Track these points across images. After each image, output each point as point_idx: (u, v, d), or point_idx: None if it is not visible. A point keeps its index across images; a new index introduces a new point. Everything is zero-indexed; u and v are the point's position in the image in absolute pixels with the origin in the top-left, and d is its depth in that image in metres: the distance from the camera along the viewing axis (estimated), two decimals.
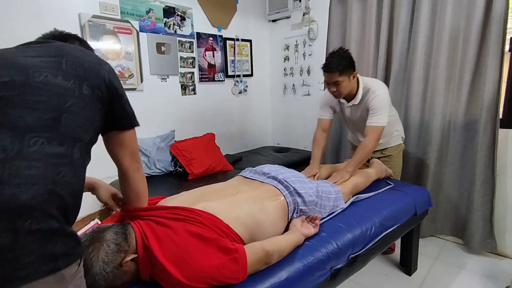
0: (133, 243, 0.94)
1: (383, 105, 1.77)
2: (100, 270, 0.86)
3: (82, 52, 0.86)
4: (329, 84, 1.79)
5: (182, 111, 2.82)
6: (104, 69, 0.86)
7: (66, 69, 0.77)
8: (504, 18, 1.84)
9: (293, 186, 1.34)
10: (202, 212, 1.05)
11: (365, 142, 1.77)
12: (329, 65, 1.73)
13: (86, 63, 0.82)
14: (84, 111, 0.77)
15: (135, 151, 0.98)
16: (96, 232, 0.92)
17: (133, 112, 0.95)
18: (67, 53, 0.80)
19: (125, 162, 0.96)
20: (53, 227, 0.66)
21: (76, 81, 0.77)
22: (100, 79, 0.83)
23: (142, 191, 1.04)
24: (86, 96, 0.79)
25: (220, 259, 0.93)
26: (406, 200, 1.66)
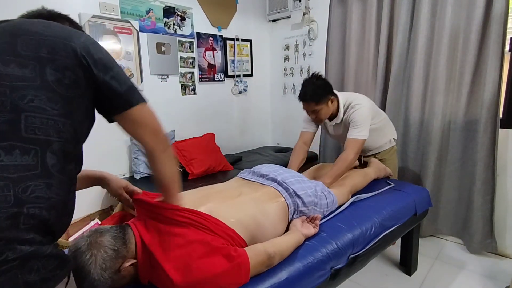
0: (132, 248, 0.91)
1: (363, 118, 1.75)
2: (98, 276, 0.83)
3: (46, 26, 0.67)
4: (308, 112, 1.81)
5: (182, 111, 2.82)
6: (76, 42, 0.67)
7: (22, 51, 0.60)
8: (504, 18, 1.84)
9: (292, 187, 1.34)
10: (209, 216, 1.03)
11: (345, 155, 1.72)
12: (304, 96, 1.73)
13: (48, 39, 0.64)
14: (52, 103, 0.62)
15: (156, 129, 0.84)
16: (93, 237, 0.87)
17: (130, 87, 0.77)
18: (24, 31, 0.63)
19: (146, 143, 0.82)
20: (25, 253, 0.55)
21: (37, 65, 0.61)
22: (71, 56, 0.65)
23: (172, 175, 0.92)
24: (52, 83, 0.62)
25: (223, 266, 0.92)
26: (406, 200, 1.66)
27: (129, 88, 0.76)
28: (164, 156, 0.87)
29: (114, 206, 2.38)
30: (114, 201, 2.38)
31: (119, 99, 0.75)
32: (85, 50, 0.68)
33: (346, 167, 1.71)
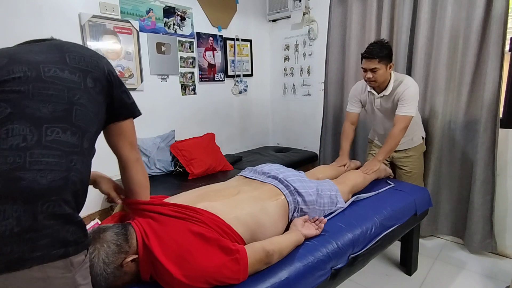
0: (133, 244, 0.93)
1: (414, 97, 1.82)
2: (100, 271, 0.86)
3: (80, 47, 0.89)
4: (366, 70, 1.84)
5: (182, 111, 2.82)
6: (103, 62, 0.89)
7: (70, 63, 0.80)
8: (504, 18, 1.84)
9: (293, 185, 1.35)
10: (204, 211, 1.05)
11: (394, 131, 1.84)
12: (371, 51, 1.79)
13: (86, 57, 0.85)
14: (90, 103, 0.81)
15: (133, 141, 1.00)
16: (96, 233, 0.91)
17: (133, 102, 0.98)
18: (68, 49, 0.83)
19: (124, 152, 0.98)
20: (67, 213, 0.70)
21: (81, 74, 0.81)
22: (100, 72, 0.86)
23: (142, 182, 1.05)
24: (90, 89, 0.82)
25: (221, 259, 0.93)
26: (406, 200, 1.66)
27: (133, 102, 0.98)
28: (137, 165, 1.02)
29: (114, 206, 2.37)
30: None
31: (126, 109, 0.96)
32: (108, 69, 0.90)
33: (395, 143, 1.86)
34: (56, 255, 0.67)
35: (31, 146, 0.67)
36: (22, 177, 0.65)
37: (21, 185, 0.64)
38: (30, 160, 0.66)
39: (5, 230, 0.62)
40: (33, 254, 0.64)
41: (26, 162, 0.66)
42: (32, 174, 0.66)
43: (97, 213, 2.32)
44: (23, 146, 0.67)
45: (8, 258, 0.62)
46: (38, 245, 0.65)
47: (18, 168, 0.65)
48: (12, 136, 0.66)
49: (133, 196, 1.05)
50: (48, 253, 0.66)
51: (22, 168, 0.65)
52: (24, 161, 0.66)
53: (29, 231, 0.64)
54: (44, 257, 0.65)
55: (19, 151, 0.66)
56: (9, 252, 0.62)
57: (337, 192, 1.52)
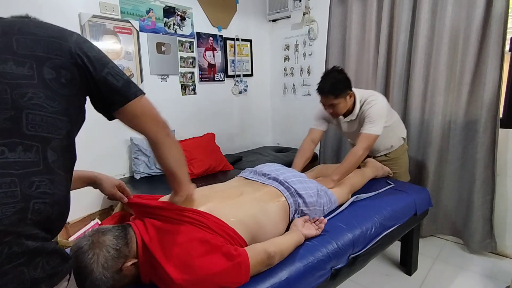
0: (133, 248, 0.91)
1: (379, 115, 1.73)
2: (100, 275, 0.83)
3: (39, 26, 0.67)
4: (324, 105, 1.77)
5: (182, 111, 2.82)
6: (69, 41, 0.68)
7: (18, 50, 0.61)
8: (504, 18, 1.84)
9: (294, 187, 1.34)
10: (209, 215, 1.04)
11: (355, 150, 1.70)
12: (323, 89, 1.69)
13: (43, 38, 0.65)
14: (50, 101, 0.63)
15: (156, 116, 0.83)
16: (95, 236, 0.88)
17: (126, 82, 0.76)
18: (18, 30, 0.64)
19: (149, 132, 0.82)
20: (31, 249, 0.57)
21: (34, 64, 0.62)
22: (65, 55, 0.67)
23: (178, 159, 0.91)
24: (49, 81, 0.63)
25: (224, 265, 0.92)
26: (406, 200, 1.66)
27: (125, 82, 0.76)
28: (168, 140, 0.86)
29: (114, 206, 2.38)
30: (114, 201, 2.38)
31: (117, 94, 0.75)
32: (79, 49, 0.69)
33: (355, 162, 1.68)
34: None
35: None
36: None
37: None
38: None
39: None
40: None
41: None
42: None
43: (97, 213, 2.32)
44: None
45: None
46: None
47: None
48: None
49: (171, 175, 0.92)
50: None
51: None
52: None
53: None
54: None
55: None
56: None
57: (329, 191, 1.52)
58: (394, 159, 2.03)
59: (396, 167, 2.04)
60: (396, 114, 2.02)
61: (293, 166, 1.90)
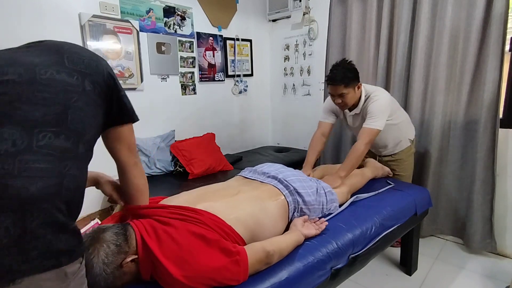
0: (133, 244, 0.93)
1: (380, 110, 1.74)
2: (100, 271, 0.85)
3: (80, 48, 0.86)
4: (334, 96, 1.77)
5: (182, 111, 2.82)
6: (103, 64, 0.86)
7: (68, 65, 0.78)
8: (504, 18, 1.84)
9: (292, 185, 1.34)
10: (205, 212, 1.05)
11: (356, 145, 1.72)
12: (334, 77, 1.70)
13: (86, 58, 0.82)
14: (88, 106, 0.78)
15: (132, 145, 0.98)
16: (96, 233, 0.91)
17: (132, 106, 0.95)
18: (67, 50, 0.80)
19: (122, 156, 0.96)
20: (59, 221, 0.67)
21: (79, 77, 0.78)
22: (100, 75, 0.83)
23: (141, 186, 1.03)
24: (89, 92, 0.79)
25: (222, 261, 0.93)
26: (406, 200, 1.66)
27: (132, 107, 0.95)
28: (136, 169, 1.00)
29: (114, 206, 2.37)
30: None
31: (127, 113, 0.93)
32: (108, 72, 0.86)
33: (358, 157, 1.71)
34: (49, 266, 0.64)
35: (21, 152, 0.64)
36: (11, 184, 0.61)
37: (10, 193, 0.61)
38: (19, 166, 0.63)
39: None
40: (24, 266, 0.61)
41: (15, 168, 0.62)
42: (22, 181, 0.62)
43: (97, 213, 2.32)
44: (12, 151, 0.63)
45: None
46: (28, 257, 0.62)
47: (6, 175, 0.61)
48: (1, 141, 0.62)
49: (131, 200, 1.03)
50: (39, 265, 0.63)
51: (10, 175, 0.62)
52: (13, 168, 0.62)
53: (18, 242, 0.61)
54: (35, 268, 0.63)
55: (7, 156, 0.62)
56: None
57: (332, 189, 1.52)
58: (400, 160, 2.03)
59: (401, 169, 2.04)
60: (405, 114, 2.03)
61: (306, 161, 1.92)
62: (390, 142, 1.97)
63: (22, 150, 0.64)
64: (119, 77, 0.92)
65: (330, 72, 1.75)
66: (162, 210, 1.03)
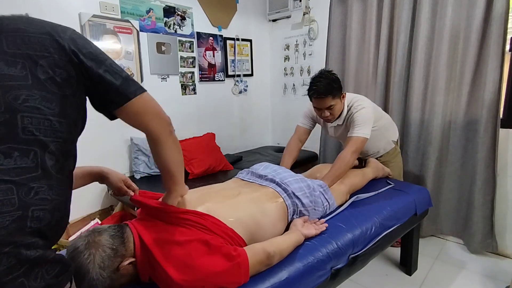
0: (130, 247, 0.91)
1: (365, 118, 1.70)
2: (97, 276, 0.83)
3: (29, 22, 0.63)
4: (320, 110, 1.70)
5: (182, 111, 2.82)
6: (63, 37, 0.64)
7: (8, 49, 0.57)
8: (504, 18, 1.84)
9: (291, 187, 1.34)
10: (208, 216, 1.04)
11: (343, 154, 1.65)
12: (320, 90, 1.62)
13: (33, 35, 0.60)
14: (47, 102, 0.59)
15: (159, 112, 0.80)
16: (91, 236, 0.87)
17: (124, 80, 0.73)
18: (6, 27, 0.60)
19: (153, 128, 0.77)
20: (30, 259, 0.54)
21: (26, 64, 0.58)
22: (60, 53, 0.62)
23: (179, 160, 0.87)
24: (44, 81, 0.59)
25: (223, 265, 0.92)
26: (406, 200, 1.66)
27: (124, 81, 0.73)
28: (171, 140, 0.82)
29: (114, 206, 2.38)
30: (114, 201, 2.38)
31: (116, 93, 0.71)
32: (74, 45, 0.64)
33: (344, 166, 1.63)
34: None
35: None
36: None
37: None
38: None
39: None
40: None
41: None
42: None
43: (97, 213, 2.32)
44: None
45: None
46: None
47: None
48: None
49: (168, 176, 0.89)
50: None
51: None
52: None
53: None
54: None
55: None
56: None
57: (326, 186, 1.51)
58: (386, 162, 2.02)
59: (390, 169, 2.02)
60: (386, 117, 2.00)
61: (281, 164, 1.85)
62: (372, 148, 1.96)
63: None
64: None
65: (312, 85, 1.66)
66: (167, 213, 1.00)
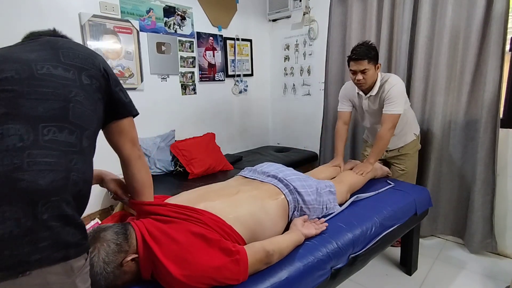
0: (133, 243, 0.93)
1: (399, 95, 1.81)
2: (100, 270, 0.86)
3: (75, 44, 0.88)
4: (355, 72, 1.82)
5: (182, 111, 2.82)
6: (98, 59, 0.88)
7: (64, 60, 0.79)
8: (504, 18, 1.84)
9: (292, 184, 1.34)
10: (205, 212, 1.05)
11: (381, 131, 1.83)
12: (359, 53, 1.78)
13: (81, 53, 0.83)
14: (87, 100, 0.79)
15: (134, 139, 0.98)
16: (96, 232, 0.91)
17: (130, 100, 0.96)
18: (61, 45, 0.82)
19: (125, 150, 0.97)
20: (67, 214, 0.68)
21: (76, 71, 0.79)
22: (96, 69, 0.85)
23: (145, 180, 1.03)
24: (86, 86, 0.80)
25: (222, 260, 0.93)
26: (406, 200, 1.66)
27: (130, 101, 0.96)
28: (139, 162, 1.00)
29: (114, 205, 2.38)
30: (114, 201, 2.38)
31: (123, 107, 0.94)
32: (104, 66, 0.88)
33: (384, 144, 1.84)
34: (57, 258, 0.65)
35: (28, 146, 0.65)
36: (21, 178, 0.63)
37: (20, 186, 0.63)
38: (28, 160, 0.65)
39: (3, 233, 0.60)
40: (33, 257, 0.62)
41: (24, 162, 0.64)
42: (31, 175, 0.64)
43: (97, 213, 2.32)
44: (20, 146, 0.65)
45: (8, 263, 0.60)
46: (38, 248, 0.63)
47: (16, 169, 0.63)
48: (8, 136, 0.64)
49: (136, 195, 1.04)
50: (48, 256, 0.64)
51: (20, 169, 0.63)
52: (22, 162, 0.64)
53: (29, 233, 0.62)
54: (44, 260, 0.63)
55: (16, 151, 0.64)
56: (8, 256, 0.60)
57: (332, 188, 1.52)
58: (406, 155, 2.05)
59: (405, 165, 2.05)
60: (410, 109, 2.07)
61: (336, 151, 2.07)
62: (396, 132, 1.96)
63: (29, 145, 0.66)
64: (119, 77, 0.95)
65: (353, 49, 1.82)
66: (164, 208, 1.04)
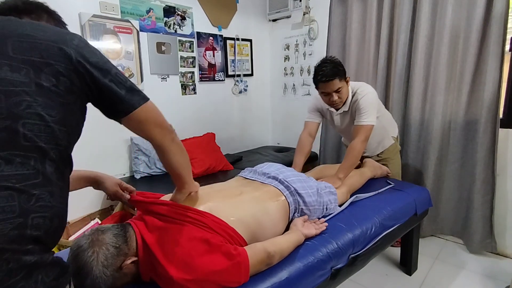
0: (133, 246, 0.92)
1: (370, 104, 1.70)
2: (100, 273, 0.84)
3: (36, 28, 0.62)
4: (329, 94, 1.70)
5: (182, 111, 2.82)
6: (70, 46, 0.63)
7: (13, 55, 0.57)
8: (504, 18, 1.84)
9: (293, 186, 1.34)
10: (209, 214, 1.04)
11: (353, 144, 1.69)
12: (327, 73, 1.64)
13: (42, 42, 0.60)
14: (49, 110, 0.59)
15: (161, 121, 0.82)
16: (95, 235, 0.89)
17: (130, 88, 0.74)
18: (13, 32, 0.58)
19: (155, 137, 0.81)
20: (29, 263, 0.55)
21: (30, 70, 0.57)
22: (66, 62, 0.62)
23: (183, 162, 0.91)
24: (47, 89, 0.59)
25: (223, 264, 0.92)
26: (406, 200, 1.66)
27: (128, 90, 0.73)
28: (173, 146, 0.86)
29: (114, 205, 2.38)
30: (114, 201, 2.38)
31: (121, 103, 0.72)
32: (80, 54, 0.64)
33: (356, 156, 1.67)
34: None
35: None
36: None
37: None
38: None
39: None
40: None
41: None
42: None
43: (97, 212, 2.32)
44: None
45: None
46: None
47: None
48: None
49: (175, 179, 0.96)
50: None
51: None
52: None
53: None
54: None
55: None
56: None
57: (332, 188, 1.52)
58: (386, 159, 2.02)
59: (391, 168, 2.02)
60: (385, 110, 2.01)
61: (294, 165, 1.87)
62: (373, 140, 1.93)
63: None
64: None
65: (318, 70, 1.67)
66: (167, 208, 1.01)
